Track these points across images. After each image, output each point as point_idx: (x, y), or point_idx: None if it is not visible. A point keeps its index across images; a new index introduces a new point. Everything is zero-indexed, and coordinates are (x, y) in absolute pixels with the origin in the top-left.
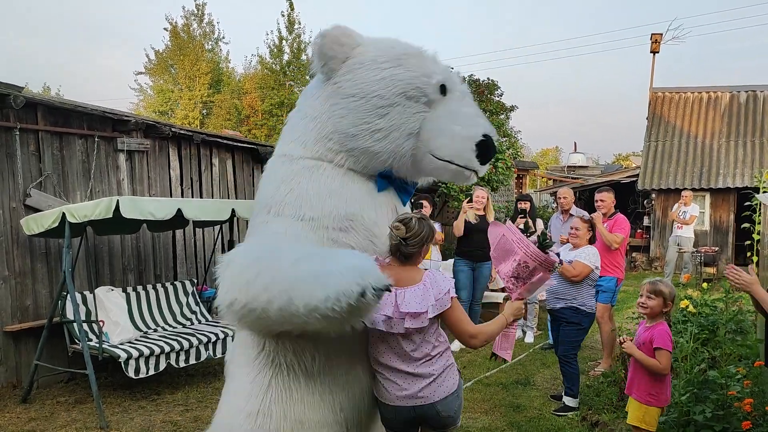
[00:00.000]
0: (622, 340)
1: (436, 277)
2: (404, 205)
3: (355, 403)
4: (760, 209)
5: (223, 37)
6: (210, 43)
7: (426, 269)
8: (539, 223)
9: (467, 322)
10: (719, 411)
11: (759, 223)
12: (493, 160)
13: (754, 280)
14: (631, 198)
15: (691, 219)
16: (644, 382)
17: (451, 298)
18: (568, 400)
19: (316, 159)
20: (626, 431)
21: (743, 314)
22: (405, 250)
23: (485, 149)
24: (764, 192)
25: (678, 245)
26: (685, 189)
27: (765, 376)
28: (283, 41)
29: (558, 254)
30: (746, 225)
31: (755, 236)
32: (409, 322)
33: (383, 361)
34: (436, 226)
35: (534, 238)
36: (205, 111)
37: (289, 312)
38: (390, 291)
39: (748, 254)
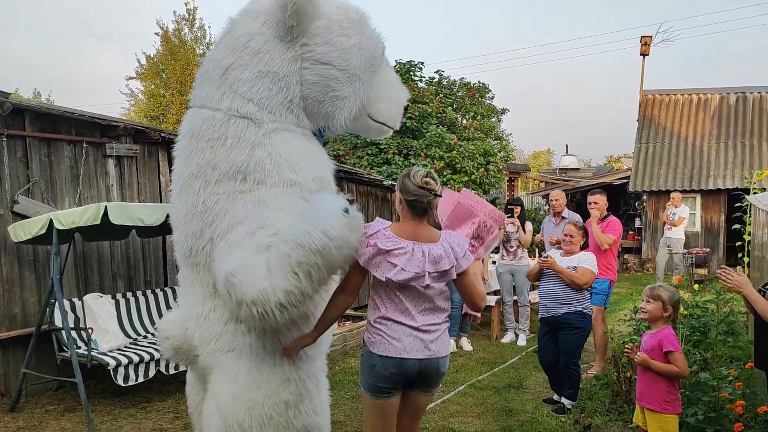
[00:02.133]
0: (628, 349)
1: (454, 236)
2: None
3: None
4: (750, 210)
5: (215, 41)
6: (201, 47)
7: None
8: (528, 225)
9: (479, 284)
10: (711, 413)
11: (750, 224)
12: (484, 162)
13: (745, 281)
14: (622, 200)
15: (679, 220)
16: (660, 390)
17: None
18: (568, 403)
19: (283, 122)
20: None
21: (734, 315)
22: (434, 203)
23: (404, 110)
24: (754, 193)
25: (668, 247)
26: (674, 191)
27: (756, 377)
28: None
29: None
30: (737, 226)
31: (746, 237)
32: (433, 278)
33: (394, 315)
34: None
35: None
36: None
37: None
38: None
39: (739, 255)
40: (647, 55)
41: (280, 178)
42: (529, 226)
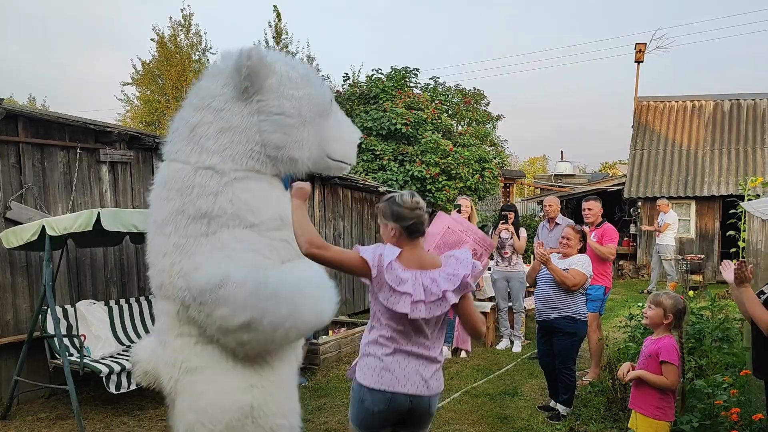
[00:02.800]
0: (623, 375)
1: (459, 257)
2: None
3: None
4: (744, 217)
5: (210, 48)
6: (197, 53)
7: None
8: (523, 232)
9: (478, 316)
10: (706, 420)
11: (744, 231)
12: (480, 168)
13: (750, 279)
14: (617, 206)
15: (664, 227)
16: (653, 396)
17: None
18: (563, 409)
19: (246, 170)
20: None
21: (729, 322)
22: (426, 220)
23: (358, 147)
24: (749, 200)
25: (658, 253)
26: (660, 197)
27: (751, 385)
28: None
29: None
30: (731, 232)
31: (740, 243)
32: (432, 307)
33: (395, 346)
34: None
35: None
36: None
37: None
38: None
39: (734, 262)
40: (642, 62)
41: (240, 221)
42: (523, 232)
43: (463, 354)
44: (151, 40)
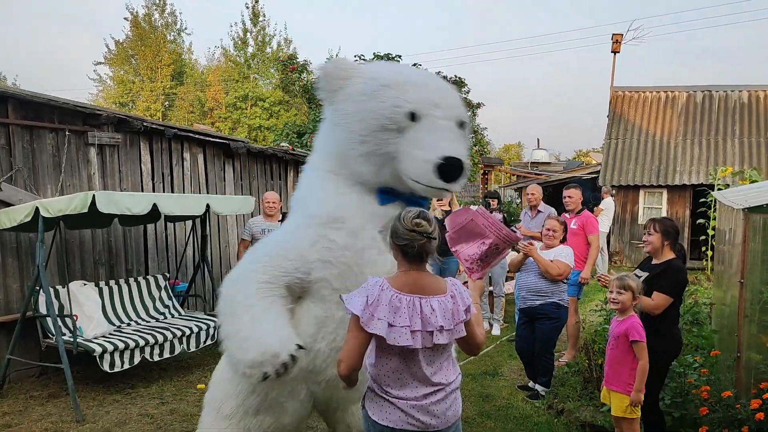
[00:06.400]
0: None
1: (459, 285)
2: None
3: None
4: (715, 206)
5: (186, 28)
6: (172, 33)
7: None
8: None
9: (480, 332)
10: (678, 398)
11: (714, 219)
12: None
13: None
14: (592, 194)
15: (596, 211)
16: (624, 373)
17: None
18: (541, 389)
19: (328, 170)
20: (590, 417)
21: (698, 306)
22: (429, 248)
23: (446, 169)
24: (719, 189)
25: None
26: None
27: (720, 364)
28: (248, 33)
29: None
30: (701, 221)
31: (710, 231)
32: (442, 336)
33: (396, 385)
34: None
35: (498, 215)
36: (167, 103)
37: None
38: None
39: (703, 249)
40: (618, 52)
41: (304, 210)
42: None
43: None
44: (125, 19)
